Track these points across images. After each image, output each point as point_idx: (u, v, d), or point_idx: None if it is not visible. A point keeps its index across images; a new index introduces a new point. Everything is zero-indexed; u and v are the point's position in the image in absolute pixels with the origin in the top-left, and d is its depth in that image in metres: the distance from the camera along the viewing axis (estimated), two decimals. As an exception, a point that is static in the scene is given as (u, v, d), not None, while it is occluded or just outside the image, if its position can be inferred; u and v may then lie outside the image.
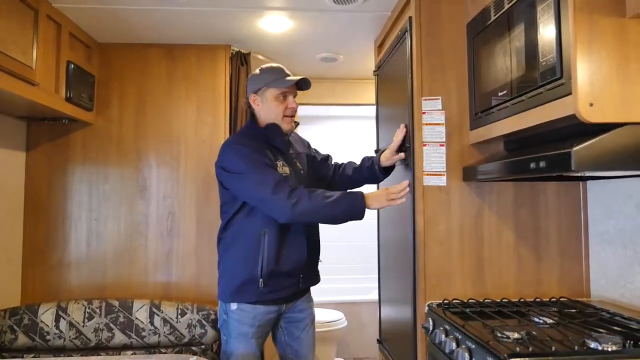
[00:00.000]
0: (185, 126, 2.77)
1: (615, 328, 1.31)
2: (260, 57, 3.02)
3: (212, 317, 2.48)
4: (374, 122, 2.57)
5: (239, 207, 1.81)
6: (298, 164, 1.94)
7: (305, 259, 1.85)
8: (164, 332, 2.44)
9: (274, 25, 2.53)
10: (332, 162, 2.13)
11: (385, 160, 1.95)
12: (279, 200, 1.64)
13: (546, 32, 1.24)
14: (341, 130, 4.86)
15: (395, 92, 2.15)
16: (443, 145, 1.78)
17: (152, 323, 2.44)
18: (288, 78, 1.83)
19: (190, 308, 2.49)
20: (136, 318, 2.45)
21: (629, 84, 1.13)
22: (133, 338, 2.42)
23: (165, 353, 2.37)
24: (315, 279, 1.98)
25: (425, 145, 1.78)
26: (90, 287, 2.66)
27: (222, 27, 2.57)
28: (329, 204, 1.64)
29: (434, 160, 1.77)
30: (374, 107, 2.59)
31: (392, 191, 1.71)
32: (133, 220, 2.72)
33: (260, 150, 1.77)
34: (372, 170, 1.99)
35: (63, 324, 2.40)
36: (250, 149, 1.76)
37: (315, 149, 2.15)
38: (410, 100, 1.85)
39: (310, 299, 2.01)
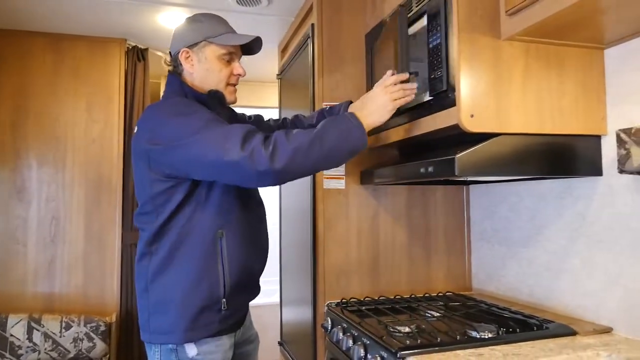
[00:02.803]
0: (73, 124, 2.57)
1: (492, 318, 1.45)
2: (159, 53, 2.90)
3: (102, 328, 2.32)
4: (276, 125, 2.59)
5: (182, 200, 1.28)
6: None
7: (266, 259, 1.48)
8: (45, 349, 2.23)
9: (173, 21, 2.44)
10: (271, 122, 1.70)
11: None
12: (254, 155, 1.14)
13: (435, 47, 1.35)
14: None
15: (297, 97, 2.18)
16: (342, 150, 1.84)
17: (30, 339, 2.22)
18: (240, 36, 1.39)
19: (76, 320, 2.30)
20: (11, 335, 2.21)
21: (502, 98, 1.26)
22: (7, 357, 2.18)
23: (46, 371, 2.17)
24: None
25: (325, 149, 1.83)
26: (-45, 302, 2.35)
27: (116, 20, 2.42)
28: (316, 137, 1.19)
29: (333, 164, 1.83)
30: (277, 110, 2.60)
31: (394, 89, 1.32)
32: (9, 225, 2.45)
33: (204, 109, 1.30)
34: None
35: None
36: (195, 106, 1.29)
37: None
38: (312, 105, 1.89)
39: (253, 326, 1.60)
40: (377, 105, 1.33)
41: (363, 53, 1.88)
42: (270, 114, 3.52)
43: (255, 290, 1.49)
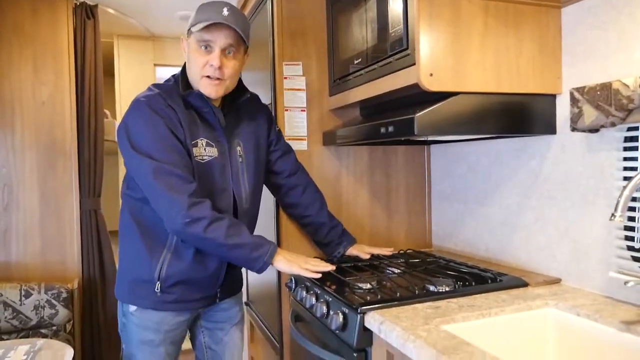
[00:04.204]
0: (19, 87, 2.42)
1: (450, 272, 1.50)
2: (110, 10, 2.75)
3: (64, 295, 2.28)
4: (237, 86, 2.52)
5: None
6: (239, 147, 1.49)
7: (227, 266, 1.51)
8: (5, 317, 2.18)
9: (124, -25, 2.30)
10: (292, 159, 1.69)
11: (353, 250, 1.70)
12: (174, 204, 1.28)
13: (395, 5, 1.32)
14: (205, 94, 4.67)
15: (257, 56, 2.12)
16: (304, 111, 1.82)
17: (-12, 309, 2.17)
18: (212, 20, 1.32)
19: (36, 288, 2.25)
20: (-33, 305, 2.15)
21: (460, 57, 1.26)
22: (-35, 328, 2.13)
23: (7, 340, 2.13)
24: (237, 285, 1.66)
25: (287, 110, 1.81)
26: None
27: (61, -27, 2.26)
28: (228, 245, 1.31)
29: (295, 125, 1.81)
30: (237, 70, 2.53)
31: (312, 262, 1.44)
32: (-43, 194, 2.34)
33: (174, 122, 1.35)
34: (332, 238, 1.70)
35: None
36: (163, 121, 1.33)
37: (278, 128, 1.68)
38: (272, 65, 1.84)
39: (239, 299, 1.69)
40: (291, 260, 1.41)
41: (324, 10, 1.83)
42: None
43: (211, 287, 1.51)
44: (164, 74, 4.09)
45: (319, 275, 1.41)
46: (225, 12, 1.34)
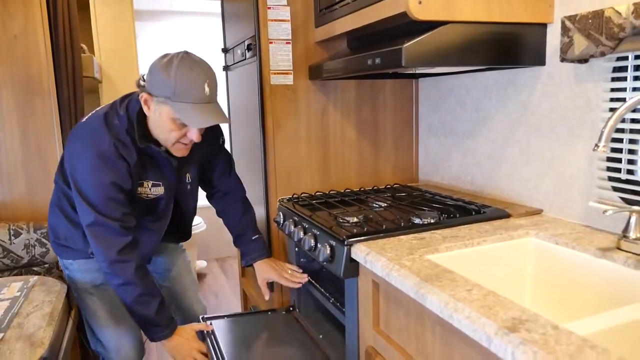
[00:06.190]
0: (-13, 19, 2.29)
1: (435, 205, 1.52)
2: None
3: (54, 234, 2.29)
4: (219, 19, 2.42)
5: None
6: (188, 174, 1.57)
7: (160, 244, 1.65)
8: (-4, 257, 2.20)
9: None
10: (226, 164, 1.74)
11: (261, 275, 1.66)
12: (101, 254, 1.35)
13: None
14: (185, 28, 4.49)
15: (239, -15, 2.02)
16: (289, 43, 1.76)
17: (-22, 248, 2.18)
18: (199, 114, 1.28)
19: (25, 227, 2.26)
20: (-43, 245, 2.15)
21: (451, -17, 1.21)
22: (-43, 267, 2.15)
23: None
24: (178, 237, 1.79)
25: (271, 42, 1.75)
26: None
27: None
28: (132, 310, 1.40)
29: (280, 58, 1.76)
30: (219, 2, 2.42)
31: (198, 356, 1.45)
32: None
33: (123, 176, 1.35)
34: (239, 245, 1.73)
35: None
36: (111, 175, 1.32)
37: (223, 139, 1.69)
38: (256, 5, 1.75)
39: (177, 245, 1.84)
40: (179, 348, 1.45)
41: None
42: (213, 6, 3.25)
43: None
44: (144, 5, 3.90)
45: None
46: (207, 89, 1.30)
